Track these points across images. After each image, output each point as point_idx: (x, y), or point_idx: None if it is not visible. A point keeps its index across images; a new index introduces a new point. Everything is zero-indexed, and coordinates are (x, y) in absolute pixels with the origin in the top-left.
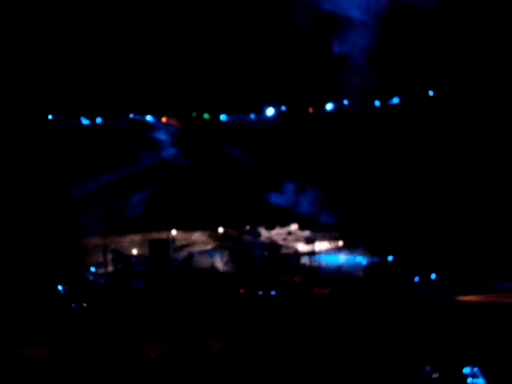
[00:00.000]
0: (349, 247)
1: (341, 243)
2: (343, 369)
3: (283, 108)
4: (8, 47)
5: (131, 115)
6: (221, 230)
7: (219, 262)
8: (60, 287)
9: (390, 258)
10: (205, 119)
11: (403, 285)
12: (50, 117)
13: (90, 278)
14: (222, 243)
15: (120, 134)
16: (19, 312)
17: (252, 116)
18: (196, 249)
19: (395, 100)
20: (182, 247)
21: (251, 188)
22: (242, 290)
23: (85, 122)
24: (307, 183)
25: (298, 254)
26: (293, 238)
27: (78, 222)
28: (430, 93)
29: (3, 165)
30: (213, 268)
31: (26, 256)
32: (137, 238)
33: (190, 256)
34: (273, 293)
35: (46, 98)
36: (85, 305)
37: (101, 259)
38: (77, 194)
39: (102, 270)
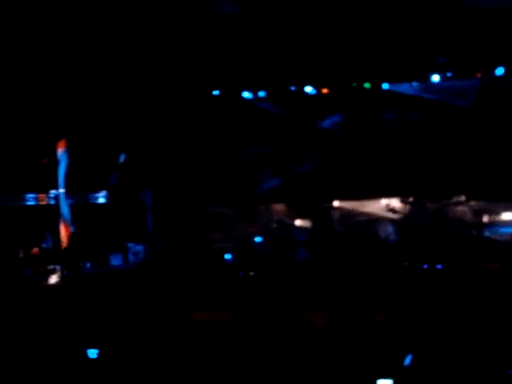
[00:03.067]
0: None
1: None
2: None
3: (449, 74)
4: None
5: (292, 87)
6: (384, 200)
7: (383, 234)
8: (228, 256)
9: None
10: (365, 89)
11: None
12: (215, 92)
13: (256, 247)
14: (385, 214)
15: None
16: (190, 279)
17: (415, 84)
18: (359, 219)
19: None
20: (344, 218)
21: (415, 159)
22: (405, 263)
23: (247, 95)
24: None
25: (465, 226)
26: (460, 209)
27: (249, 190)
28: None
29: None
30: (376, 240)
31: (195, 225)
32: (299, 207)
33: (353, 227)
34: (438, 266)
35: (208, 72)
36: (251, 274)
37: (265, 228)
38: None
39: (266, 240)
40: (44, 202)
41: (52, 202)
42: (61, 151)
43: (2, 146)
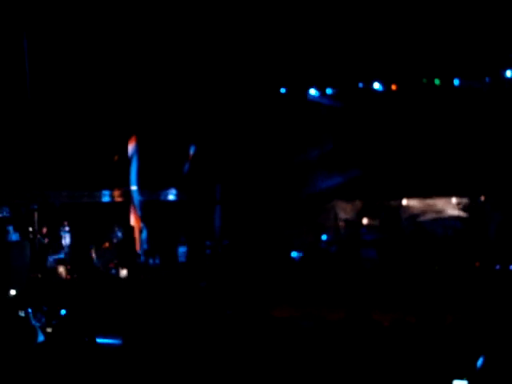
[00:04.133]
0: None
1: None
2: None
3: None
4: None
5: (360, 84)
6: (455, 199)
7: (453, 233)
8: (295, 254)
9: None
10: (435, 85)
11: None
12: (282, 90)
13: (322, 245)
14: (456, 213)
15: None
16: (263, 278)
17: (487, 80)
18: (428, 218)
19: None
20: (413, 216)
21: (489, 156)
22: (477, 263)
23: (314, 93)
24: None
25: None
26: None
27: (313, 190)
28: None
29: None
30: (446, 239)
31: (268, 226)
32: (365, 206)
33: (423, 226)
34: (511, 267)
35: (276, 70)
36: (318, 272)
37: (331, 226)
38: (307, 162)
39: (333, 238)
40: (119, 199)
41: (124, 198)
42: (132, 149)
43: (77, 144)
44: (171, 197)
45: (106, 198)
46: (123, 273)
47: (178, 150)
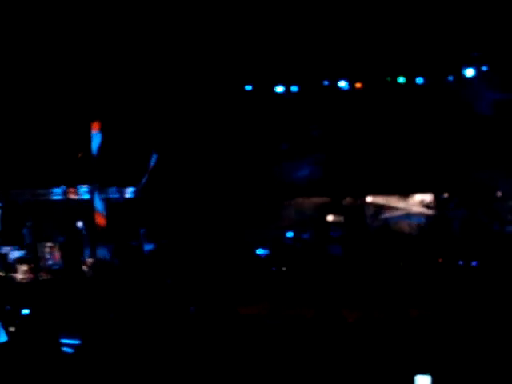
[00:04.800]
0: None
1: None
2: None
3: (484, 68)
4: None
5: (325, 82)
6: (418, 196)
7: (417, 230)
8: (261, 251)
9: None
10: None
11: None
12: (248, 88)
13: (288, 242)
14: (420, 210)
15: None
16: (229, 275)
17: (450, 78)
18: (393, 214)
19: None
20: (378, 213)
21: (452, 153)
22: (440, 259)
23: (280, 90)
24: None
25: (502, 222)
26: (498, 205)
27: (277, 186)
28: None
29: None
30: (410, 235)
31: (229, 222)
32: (330, 202)
33: (387, 222)
34: (474, 263)
35: (240, 68)
36: (284, 269)
37: (296, 223)
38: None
39: (298, 235)
40: (73, 197)
41: (84, 196)
42: (95, 145)
43: (40, 141)
44: (129, 195)
45: (58, 196)
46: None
47: (139, 151)
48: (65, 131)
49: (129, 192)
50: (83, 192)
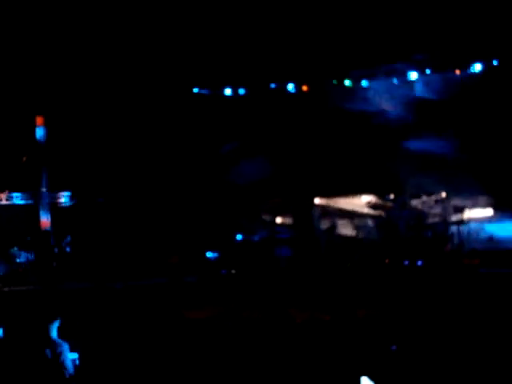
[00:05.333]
0: (501, 215)
1: (492, 211)
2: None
3: (428, 71)
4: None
5: (272, 85)
6: (365, 198)
7: (363, 231)
8: (210, 254)
9: None
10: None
11: None
12: (195, 90)
13: (237, 245)
14: (366, 211)
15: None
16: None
17: (395, 81)
18: (340, 216)
19: None
20: (326, 215)
21: (396, 156)
22: (387, 260)
23: (228, 92)
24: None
25: (446, 223)
26: (440, 206)
27: (226, 188)
28: None
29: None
30: (357, 236)
31: (177, 225)
32: (279, 204)
33: (334, 224)
34: (419, 263)
35: (189, 70)
36: (233, 271)
37: (245, 225)
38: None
39: (248, 237)
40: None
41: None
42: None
43: None
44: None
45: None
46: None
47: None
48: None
49: (63, 196)
50: (19, 196)
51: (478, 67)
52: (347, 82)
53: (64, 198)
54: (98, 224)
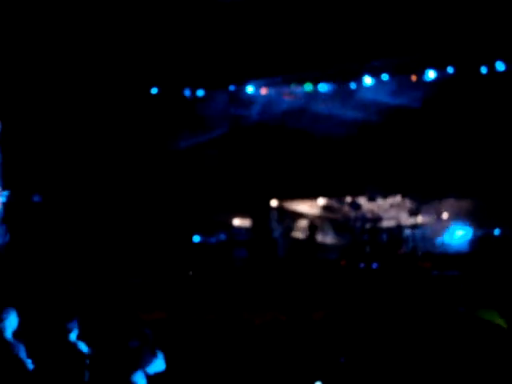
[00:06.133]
0: (454, 219)
1: (446, 215)
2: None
3: (385, 77)
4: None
5: (232, 87)
6: (321, 200)
7: (320, 233)
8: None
9: (497, 232)
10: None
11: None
12: (153, 91)
13: (194, 247)
14: (322, 214)
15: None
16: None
17: (352, 85)
18: (296, 218)
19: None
20: (282, 217)
21: (350, 158)
22: (342, 262)
23: (187, 93)
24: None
25: (400, 227)
26: (395, 209)
27: (182, 190)
28: None
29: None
30: (313, 239)
31: (133, 227)
32: (236, 206)
33: (291, 226)
34: (374, 266)
35: (148, 70)
36: (190, 273)
37: (202, 228)
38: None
39: (205, 239)
40: None
41: None
42: None
43: None
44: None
45: None
46: None
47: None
48: None
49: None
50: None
51: (431, 74)
52: (308, 87)
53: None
54: (34, 224)
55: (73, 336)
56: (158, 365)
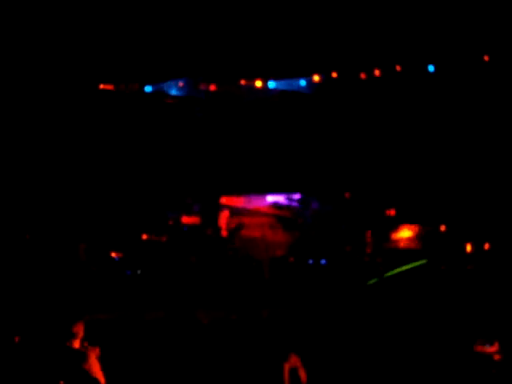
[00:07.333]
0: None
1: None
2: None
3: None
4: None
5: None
6: (271, 197)
7: (269, 230)
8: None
9: (442, 227)
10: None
11: (455, 255)
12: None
13: (144, 246)
14: (272, 211)
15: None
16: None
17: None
18: (246, 215)
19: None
20: (232, 214)
21: (300, 156)
22: (291, 259)
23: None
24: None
25: (347, 222)
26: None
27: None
28: None
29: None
30: (263, 236)
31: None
32: (186, 203)
33: (240, 224)
34: (323, 262)
35: (97, 66)
36: (139, 272)
37: (152, 225)
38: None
39: (153, 238)
40: None
41: None
42: None
43: None
44: None
45: None
46: None
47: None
48: None
49: None
50: None
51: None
52: (272, 85)
53: None
54: None
55: None
56: None
